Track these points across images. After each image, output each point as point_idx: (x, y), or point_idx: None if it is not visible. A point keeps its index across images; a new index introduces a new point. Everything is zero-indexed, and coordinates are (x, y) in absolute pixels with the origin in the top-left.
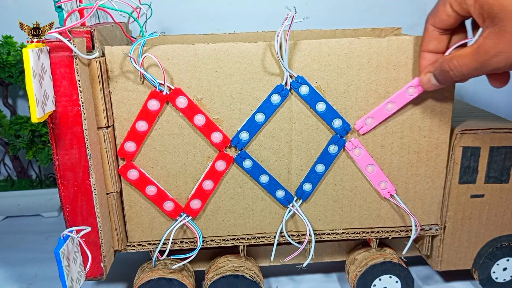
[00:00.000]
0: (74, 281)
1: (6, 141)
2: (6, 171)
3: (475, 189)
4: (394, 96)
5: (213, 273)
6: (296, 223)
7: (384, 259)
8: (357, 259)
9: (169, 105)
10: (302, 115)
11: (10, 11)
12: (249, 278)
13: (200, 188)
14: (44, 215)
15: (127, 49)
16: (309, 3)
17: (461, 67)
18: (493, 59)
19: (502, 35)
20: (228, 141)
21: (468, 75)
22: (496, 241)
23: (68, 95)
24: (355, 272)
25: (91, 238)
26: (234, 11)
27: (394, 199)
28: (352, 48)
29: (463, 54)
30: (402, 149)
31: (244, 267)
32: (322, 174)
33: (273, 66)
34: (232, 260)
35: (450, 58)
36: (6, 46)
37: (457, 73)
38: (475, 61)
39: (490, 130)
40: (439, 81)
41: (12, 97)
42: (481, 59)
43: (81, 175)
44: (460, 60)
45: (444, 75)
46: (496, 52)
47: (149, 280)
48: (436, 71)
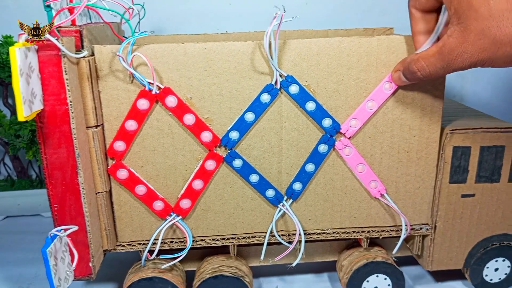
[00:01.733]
0: (62, 281)
1: (6, 141)
2: (6, 171)
3: (466, 188)
4: (372, 94)
5: (196, 280)
6: (286, 223)
7: (367, 260)
8: (343, 265)
9: (158, 104)
10: (292, 114)
11: (10, 11)
12: (229, 276)
13: (190, 187)
14: (44, 215)
15: (116, 48)
16: (309, 3)
17: (428, 67)
18: (457, 59)
19: (466, 35)
20: (218, 141)
21: (435, 74)
22: (488, 240)
23: (56, 94)
24: (343, 279)
25: (79, 238)
26: (234, 11)
27: (385, 198)
28: (342, 47)
29: (429, 54)
30: (392, 149)
31: (224, 265)
32: (312, 173)
33: (263, 65)
34: (212, 262)
35: (417, 59)
36: (6, 46)
37: (424, 73)
38: (440, 60)
39: (481, 130)
40: (408, 79)
41: (12, 97)
42: (446, 59)
43: (69, 174)
44: (426, 60)
45: (412, 75)
46: (460, 52)
47: (139, 280)
48: (405, 71)
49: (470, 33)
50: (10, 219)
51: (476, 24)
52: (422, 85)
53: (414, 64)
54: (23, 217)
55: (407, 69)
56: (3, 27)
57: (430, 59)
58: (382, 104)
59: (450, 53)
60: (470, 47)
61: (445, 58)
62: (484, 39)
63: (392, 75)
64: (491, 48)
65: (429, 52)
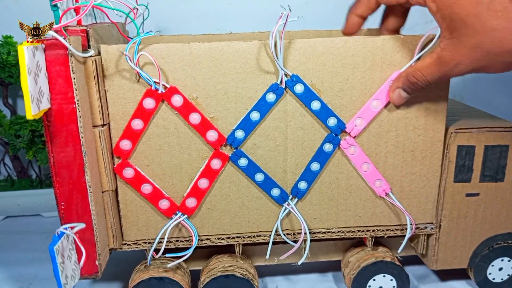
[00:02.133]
0: (68, 278)
1: (6, 141)
2: (6, 171)
3: (470, 187)
4: (377, 93)
5: (204, 276)
6: (291, 222)
7: (376, 259)
8: (350, 262)
9: (164, 104)
10: (297, 113)
11: (10, 11)
12: (240, 277)
13: (196, 186)
14: (44, 215)
15: (123, 47)
16: (309, 3)
17: (426, 76)
18: (453, 69)
19: (460, 49)
20: (223, 140)
21: (433, 82)
22: (492, 240)
23: (63, 93)
24: (349, 275)
25: (86, 236)
26: (234, 11)
27: (389, 197)
28: (347, 47)
29: (425, 65)
30: (397, 148)
31: (235, 266)
32: (317, 172)
33: (268, 65)
34: (223, 261)
35: (413, 70)
36: (6, 46)
37: (423, 82)
38: (438, 71)
39: (485, 129)
40: (409, 92)
41: (12, 97)
42: (443, 70)
43: (76, 172)
44: (424, 71)
45: (413, 86)
46: (455, 64)
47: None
48: (404, 85)
49: (464, 47)
50: (10, 219)
51: (469, 39)
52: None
53: (413, 75)
54: (23, 217)
55: (406, 82)
56: (3, 27)
57: (428, 70)
58: (386, 103)
59: (445, 65)
60: (465, 59)
61: (441, 69)
62: (478, 52)
63: (390, 96)
64: (485, 59)
65: (424, 63)
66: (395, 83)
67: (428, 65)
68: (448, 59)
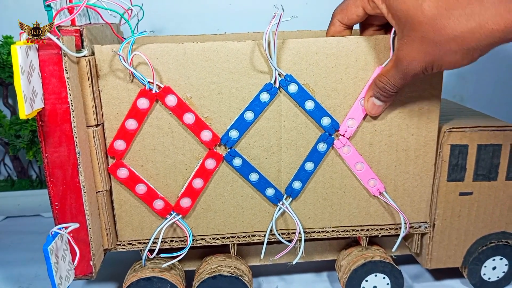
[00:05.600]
0: (63, 279)
1: (6, 141)
2: (6, 171)
3: (464, 186)
4: (363, 92)
5: (195, 280)
6: (286, 221)
7: (365, 260)
8: (342, 265)
9: (158, 104)
10: (291, 113)
11: (10, 11)
12: (227, 275)
13: (190, 186)
14: (44, 215)
15: (117, 47)
16: (309, 3)
17: (390, 79)
18: (409, 67)
19: (411, 45)
20: (217, 140)
21: (398, 85)
22: (486, 238)
23: (57, 93)
24: (342, 279)
25: (80, 236)
26: (234, 11)
27: (383, 196)
28: (340, 46)
29: (387, 68)
30: (390, 147)
31: (222, 265)
32: (311, 172)
33: (262, 64)
34: (211, 263)
35: (379, 75)
36: (6, 46)
37: (391, 86)
38: (397, 71)
39: (478, 128)
40: (382, 100)
41: (12, 97)
42: (401, 69)
43: (70, 172)
44: (387, 74)
45: (383, 92)
46: (410, 61)
47: (138, 280)
48: (375, 92)
49: (414, 42)
50: (10, 219)
51: (416, 32)
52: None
53: (379, 80)
54: (23, 217)
55: (376, 88)
56: (3, 27)
57: (389, 72)
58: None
59: (401, 63)
60: (416, 54)
61: (399, 69)
62: (425, 44)
63: (365, 106)
64: (434, 51)
65: (387, 67)
66: (368, 93)
67: (390, 68)
68: (402, 57)
